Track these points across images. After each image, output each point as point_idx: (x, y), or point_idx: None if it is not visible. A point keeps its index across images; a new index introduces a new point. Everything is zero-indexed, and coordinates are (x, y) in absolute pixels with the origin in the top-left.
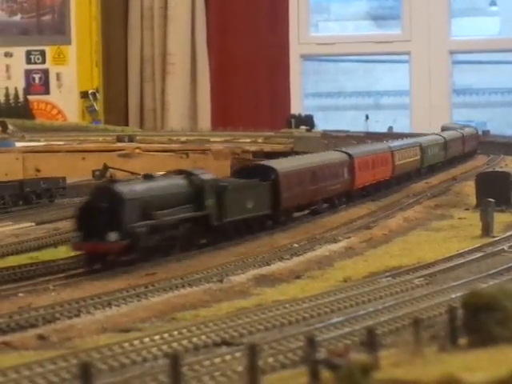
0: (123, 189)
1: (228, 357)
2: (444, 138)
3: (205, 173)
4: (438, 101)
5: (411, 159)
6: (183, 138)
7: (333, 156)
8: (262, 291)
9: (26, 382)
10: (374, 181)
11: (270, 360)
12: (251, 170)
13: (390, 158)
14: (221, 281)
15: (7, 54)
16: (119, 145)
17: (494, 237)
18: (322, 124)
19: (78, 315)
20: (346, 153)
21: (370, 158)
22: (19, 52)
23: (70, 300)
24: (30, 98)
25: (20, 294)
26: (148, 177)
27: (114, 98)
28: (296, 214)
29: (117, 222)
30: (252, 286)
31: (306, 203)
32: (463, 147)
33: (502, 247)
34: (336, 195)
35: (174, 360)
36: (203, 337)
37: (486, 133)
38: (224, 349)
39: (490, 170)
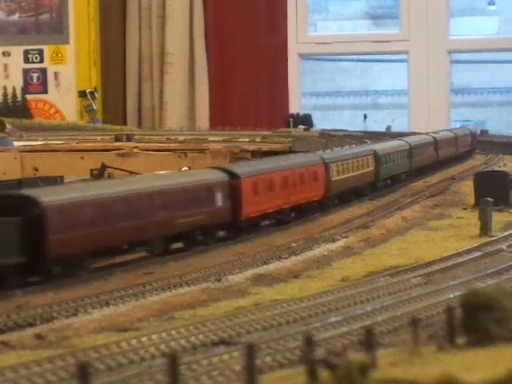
0: None
1: (226, 356)
2: (408, 143)
3: None
4: (436, 100)
5: (360, 172)
6: (181, 138)
7: (194, 177)
8: (260, 290)
9: (24, 381)
10: (289, 204)
11: (268, 359)
12: (8, 201)
13: (323, 172)
14: (219, 280)
15: (5, 53)
16: (117, 144)
17: (492, 236)
18: (320, 123)
19: (75, 314)
20: (227, 172)
21: (280, 176)
22: (17, 51)
23: (68, 299)
24: (28, 97)
25: (18, 293)
26: None
27: (113, 98)
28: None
29: None
30: (250, 286)
31: (122, 244)
32: (436, 154)
33: (500, 246)
34: (200, 230)
35: (172, 359)
36: (201, 336)
37: (484, 132)
38: (222, 348)
39: (489, 169)
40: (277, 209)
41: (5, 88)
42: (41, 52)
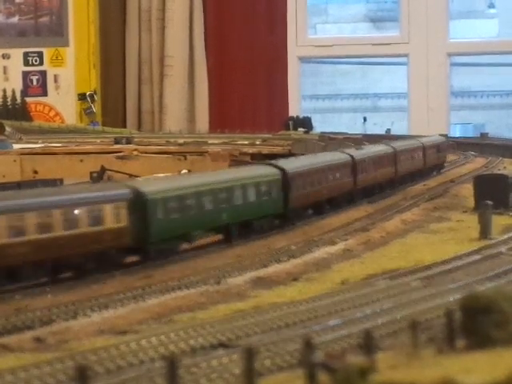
0: None
1: (225, 359)
2: (281, 170)
3: None
4: (436, 103)
5: (63, 233)
6: (181, 140)
7: None
8: (259, 293)
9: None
10: None
11: (267, 362)
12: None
13: None
14: (218, 283)
15: (5, 56)
16: (117, 147)
17: (491, 239)
18: (320, 126)
19: (74, 317)
20: None
21: None
22: (17, 54)
23: (67, 302)
24: (28, 99)
25: (16, 296)
26: None
27: (112, 100)
28: None
29: None
30: (249, 289)
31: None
32: (353, 180)
33: (500, 250)
34: None
35: (171, 362)
36: (200, 339)
37: (484, 135)
38: (221, 351)
39: (489, 172)
40: None
41: (4, 91)
42: (40, 54)
